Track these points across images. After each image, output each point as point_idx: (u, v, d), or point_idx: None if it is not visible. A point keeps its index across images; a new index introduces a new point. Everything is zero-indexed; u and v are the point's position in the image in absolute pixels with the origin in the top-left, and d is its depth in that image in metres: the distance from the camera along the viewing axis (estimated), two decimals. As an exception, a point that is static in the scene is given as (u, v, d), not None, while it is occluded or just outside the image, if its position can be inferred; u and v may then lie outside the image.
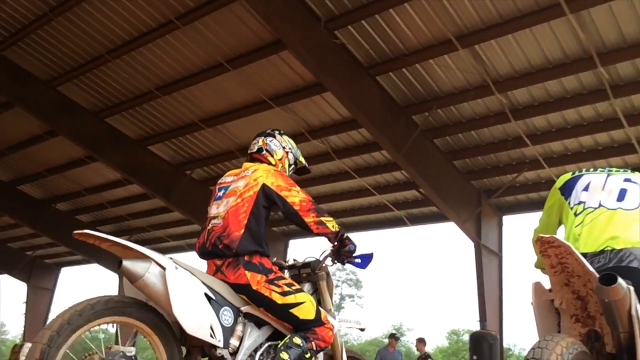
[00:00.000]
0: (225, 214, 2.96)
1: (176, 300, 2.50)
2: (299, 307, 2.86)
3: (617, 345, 2.37)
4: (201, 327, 2.58)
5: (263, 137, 3.39)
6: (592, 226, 2.58)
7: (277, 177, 3.09)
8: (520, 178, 11.35)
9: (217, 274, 2.88)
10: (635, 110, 9.03)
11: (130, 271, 2.50)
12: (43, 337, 2.23)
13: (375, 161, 11.94)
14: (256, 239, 2.93)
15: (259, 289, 2.82)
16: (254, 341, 2.81)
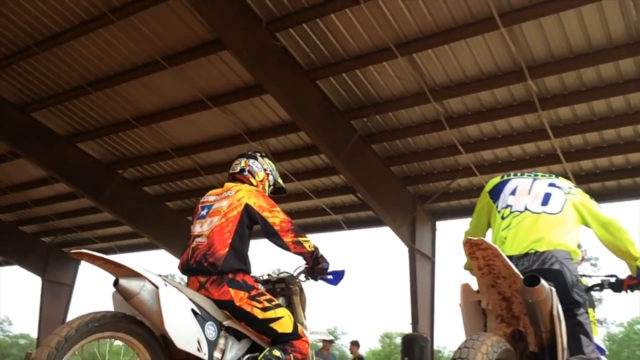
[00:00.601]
0: (209, 233, 3.11)
1: (168, 317, 2.65)
2: (278, 322, 3.05)
3: (539, 345, 2.44)
4: (190, 341, 2.74)
5: (245, 159, 3.54)
6: (518, 229, 2.65)
7: (259, 198, 3.25)
8: (454, 185, 11.69)
9: (201, 290, 3.02)
10: (560, 122, 9.49)
11: (126, 289, 2.63)
12: (42, 354, 2.34)
13: (313, 165, 11.97)
14: (240, 257, 3.09)
15: (241, 305, 2.99)
16: (235, 354, 2.98)
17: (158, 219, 14.19)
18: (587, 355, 2.43)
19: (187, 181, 13.62)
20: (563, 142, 9.95)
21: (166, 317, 2.65)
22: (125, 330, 2.63)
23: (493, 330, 2.56)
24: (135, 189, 13.79)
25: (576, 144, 10.03)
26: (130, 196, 13.61)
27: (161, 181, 13.69)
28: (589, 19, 7.57)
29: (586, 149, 10.07)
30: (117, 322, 2.61)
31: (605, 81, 8.52)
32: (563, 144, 9.98)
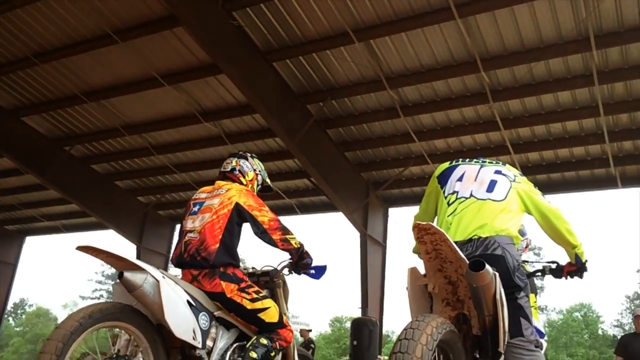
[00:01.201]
0: (201, 229, 3.31)
1: (167, 308, 2.85)
2: (265, 312, 3.28)
3: (482, 328, 2.51)
4: (186, 330, 2.95)
5: (236, 159, 3.73)
6: (462, 215, 2.71)
7: (249, 197, 3.45)
8: (406, 172, 11.87)
9: (194, 283, 3.23)
10: (510, 115, 9.75)
11: (130, 282, 2.82)
12: (51, 348, 2.51)
13: (268, 148, 11.89)
14: (230, 252, 3.31)
15: (232, 296, 3.21)
16: (225, 342, 3.21)
17: (107, 198, 13.82)
18: (527, 338, 2.52)
19: (138, 160, 13.29)
20: (512, 133, 10.23)
21: (166, 308, 2.84)
22: (126, 319, 2.82)
23: (439, 313, 2.61)
24: (83, 167, 13.36)
25: (524, 136, 10.34)
26: (78, 174, 13.19)
27: (110, 159, 13.31)
28: (541, 15, 7.76)
29: (534, 141, 10.40)
30: (118, 312, 2.80)
31: (554, 76, 8.79)
32: (512, 136, 10.27)
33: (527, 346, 2.51)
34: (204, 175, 13.38)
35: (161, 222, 15.22)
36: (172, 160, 12.83)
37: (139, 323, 2.86)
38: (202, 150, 12.33)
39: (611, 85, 8.82)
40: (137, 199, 14.72)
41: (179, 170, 12.99)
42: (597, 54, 8.04)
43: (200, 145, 12.09)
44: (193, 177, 13.43)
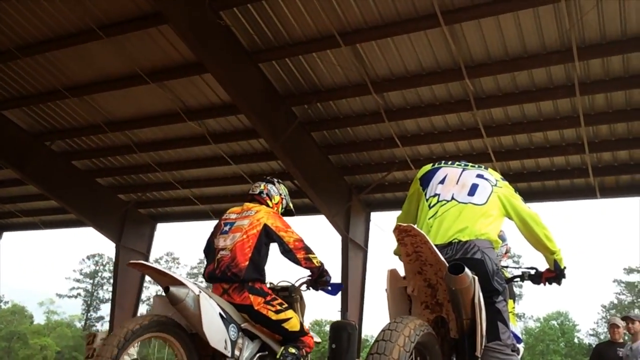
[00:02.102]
0: (232, 247, 3.66)
1: (205, 320, 3.21)
2: (288, 322, 3.64)
3: (460, 331, 2.53)
4: (220, 340, 3.30)
5: (265, 183, 4.18)
6: (443, 218, 2.72)
7: (276, 219, 3.84)
8: (389, 177, 11.91)
9: (224, 296, 3.58)
10: (493, 122, 9.84)
11: (175, 296, 3.18)
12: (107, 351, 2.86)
13: (252, 149, 11.85)
14: (258, 269, 3.66)
15: (259, 309, 3.56)
16: (250, 352, 3.55)
17: (87, 195, 13.65)
18: (504, 342, 2.54)
19: (120, 158, 13.16)
20: (494, 141, 10.33)
21: (204, 320, 3.21)
22: (167, 330, 3.19)
23: (417, 315, 2.62)
24: (64, 163, 13.18)
25: (506, 144, 10.44)
26: (58, 170, 13.00)
27: (92, 156, 13.15)
28: (526, 25, 7.86)
29: (515, 149, 10.50)
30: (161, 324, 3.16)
31: (537, 85, 8.90)
32: (494, 144, 10.37)
33: (503, 350, 2.53)
34: (186, 175, 13.30)
35: (142, 220, 15.07)
36: (155, 158, 12.72)
37: (177, 333, 3.23)
38: (186, 149, 12.24)
39: (592, 97, 8.95)
40: (117, 196, 14.56)
41: (161, 168, 12.88)
42: (580, 65, 8.15)
43: (183, 144, 12.00)
44: (175, 176, 13.33)
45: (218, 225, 3.92)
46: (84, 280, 55.78)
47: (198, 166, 12.72)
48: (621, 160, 10.35)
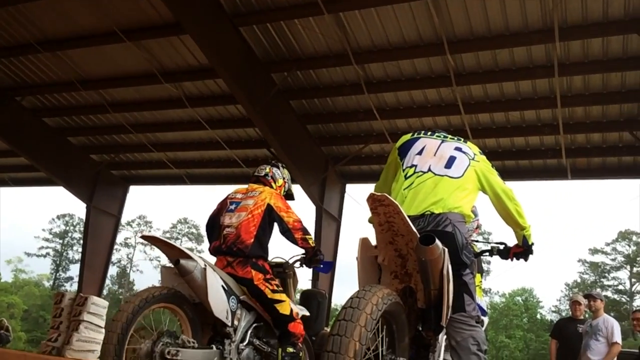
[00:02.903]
0: (238, 225, 3.90)
1: (210, 291, 3.48)
2: (281, 304, 3.86)
3: (427, 302, 2.56)
4: (222, 310, 3.57)
5: (270, 166, 4.40)
6: (418, 190, 2.72)
7: (278, 200, 4.08)
8: (366, 149, 11.91)
9: (227, 268, 3.83)
10: (472, 100, 9.88)
11: (185, 268, 3.46)
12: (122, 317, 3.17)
13: (229, 114, 11.71)
14: (262, 246, 3.94)
15: (258, 284, 3.81)
16: (246, 322, 3.83)
17: (58, 154, 13.36)
18: (468, 313, 2.58)
19: (93, 117, 12.87)
20: (472, 118, 10.38)
21: (209, 291, 3.46)
22: (174, 301, 3.46)
23: (386, 285, 2.63)
24: (34, 119, 12.85)
25: (484, 122, 10.50)
26: (28, 126, 12.68)
27: (64, 114, 12.84)
28: (509, 2, 7.82)
29: (492, 127, 10.58)
30: (169, 295, 3.43)
31: (517, 64, 8.92)
32: (472, 121, 10.42)
33: (468, 321, 2.57)
34: (161, 138, 13.10)
35: (114, 182, 14.86)
36: (129, 119, 12.48)
37: (182, 304, 3.50)
38: (161, 111, 12.03)
39: (570, 78, 9.03)
40: (90, 156, 14.30)
41: (135, 130, 12.66)
42: (560, 45, 8.18)
43: (159, 106, 11.79)
44: (150, 139, 13.12)
45: (223, 203, 4.15)
46: (53, 240, 55.15)
47: (173, 129, 12.54)
48: (594, 143, 10.52)
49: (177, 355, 3.33)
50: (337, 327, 2.09)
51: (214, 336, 3.71)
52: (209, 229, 4.23)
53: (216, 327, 3.68)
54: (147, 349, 3.28)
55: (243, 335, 3.79)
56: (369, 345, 2.25)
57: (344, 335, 2.05)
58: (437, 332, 2.61)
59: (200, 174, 14.45)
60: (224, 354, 3.62)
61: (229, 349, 3.64)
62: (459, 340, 2.53)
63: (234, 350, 3.67)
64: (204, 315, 3.58)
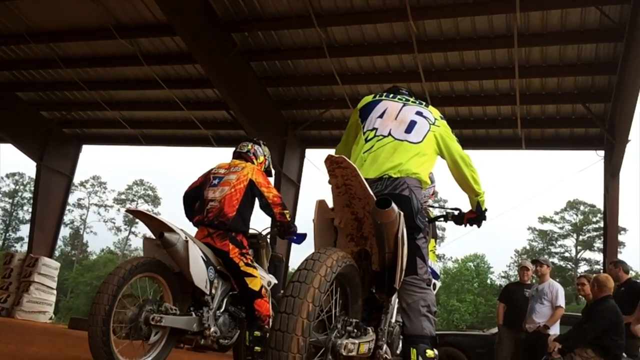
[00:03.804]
0: (221, 199, 4.06)
1: (192, 262, 3.67)
2: (251, 279, 4.02)
3: (381, 265, 2.57)
4: (202, 280, 3.78)
5: (252, 143, 4.55)
6: (378, 154, 2.70)
7: (260, 175, 4.26)
8: (327, 114, 11.87)
9: (207, 238, 4.00)
10: (433, 67, 9.91)
11: (168, 241, 3.63)
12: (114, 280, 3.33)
13: (187, 74, 11.41)
14: (244, 220, 4.11)
15: (233, 256, 3.98)
16: (222, 290, 4.01)
17: (6, 110, 12.78)
18: (420, 276, 2.61)
19: (44, 72, 12.32)
20: (432, 86, 10.44)
21: (191, 262, 3.65)
22: (156, 270, 3.61)
23: (342, 248, 2.63)
24: (-20, 74, 12.22)
25: (443, 90, 10.59)
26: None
27: (12, 67, 12.24)
28: (474, -31, 7.81)
29: (451, 96, 10.69)
30: (152, 264, 3.59)
31: (478, 33, 8.97)
32: (432, 89, 10.49)
33: (419, 284, 2.60)
34: (115, 96, 12.69)
35: (66, 140, 14.37)
36: (82, 75, 12.00)
37: (164, 273, 3.66)
38: (115, 68, 11.61)
39: (529, 49, 9.15)
40: (40, 113, 13.75)
41: (88, 87, 12.20)
42: (520, 16, 8.25)
43: (113, 63, 11.37)
44: (104, 97, 12.69)
45: (206, 178, 4.29)
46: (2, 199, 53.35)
47: (128, 88, 12.15)
48: (548, 114, 10.78)
49: (161, 321, 3.54)
50: (291, 289, 2.08)
51: (193, 303, 3.88)
52: (188, 200, 4.40)
53: (195, 295, 3.87)
54: (133, 314, 3.47)
55: (220, 303, 3.98)
56: (323, 307, 2.26)
57: (298, 296, 2.04)
58: (390, 294, 2.64)
59: (157, 134, 14.13)
60: (203, 320, 3.81)
61: (207, 316, 3.84)
62: (410, 302, 2.56)
63: (212, 317, 3.87)
64: (184, 284, 3.76)
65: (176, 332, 3.72)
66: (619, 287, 6.41)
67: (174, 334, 3.72)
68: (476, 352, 8.35)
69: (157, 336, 3.61)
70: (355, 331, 2.45)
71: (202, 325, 3.80)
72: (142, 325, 3.49)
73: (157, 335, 3.62)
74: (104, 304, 3.25)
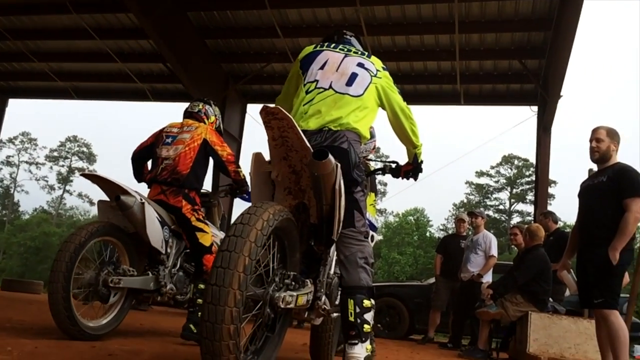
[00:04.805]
0: (176, 157, 4.11)
1: (148, 223, 3.76)
2: (202, 234, 4.13)
3: (319, 217, 2.56)
4: (158, 240, 3.88)
5: (203, 103, 4.57)
6: (318, 106, 2.65)
7: (213, 135, 4.33)
8: (268, 68, 11.63)
9: (160, 195, 4.07)
10: (375, 21, 9.83)
11: (125, 203, 3.67)
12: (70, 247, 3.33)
13: (120, 23, 10.82)
14: (198, 178, 4.19)
15: (185, 212, 4.08)
16: (177, 249, 4.13)
17: None
18: (357, 229, 2.62)
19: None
20: (374, 40, 10.37)
21: (147, 224, 3.74)
22: (112, 234, 3.67)
23: (280, 201, 2.60)
24: None
25: (385, 44, 10.55)
26: None
27: None
28: None
29: (393, 50, 10.67)
30: (108, 228, 3.64)
31: (420, -14, 8.92)
32: (374, 43, 10.42)
33: (357, 236, 2.62)
34: (42, 46, 11.97)
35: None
36: (4, 23, 11.20)
37: (119, 236, 3.71)
38: (42, 17, 10.90)
39: (468, 4, 9.19)
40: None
41: (12, 36, 11.41)
42: (462, -30, 8.24)
43: (39, 10, 10.62)
44: (29, 47, 11.96)
45: (159, 136, 4.30)
46: None
47: (56, 37, 11.43)
48: (486, 70, 10.98)
49: (120, 283, 3.64)
50: (226, 243, 2.04)
51: (148, 263, 3.98)
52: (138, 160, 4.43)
53: (150, 255, 3.97)
54: (91, 278, 3.55)
55: (175, 261, 4.10)
56: (260, 261, 2.24)
57: (234, 250, 2.01)
58: (328, 246, 2.65)
59: (89, 88, 13.48)
60: (159, 278, 3.93)
61: (163, 274, 3.96)
62: (348, 254, 2.58)
63: (168, 275, 4.00)
64: (139, 245, 3.86)
65: (134, 292, 3.84)
66: (548, 237, 6.76)
67: (131, 294, 3.83)
68: (414, 302, 8.69)
69: (115, 297, 3.70)
70: (293, 284, 2.46)
71: (158, 284, 3.92)
72: (102, 288, 3.58)
73: (116, 297, 3.71)
74: (63, 270, 3.27)
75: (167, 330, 5.03)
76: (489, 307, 6.05)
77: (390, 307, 8.70)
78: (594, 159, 4.21)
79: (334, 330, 3.43)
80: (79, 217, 53.09)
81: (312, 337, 3.45)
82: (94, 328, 3.55)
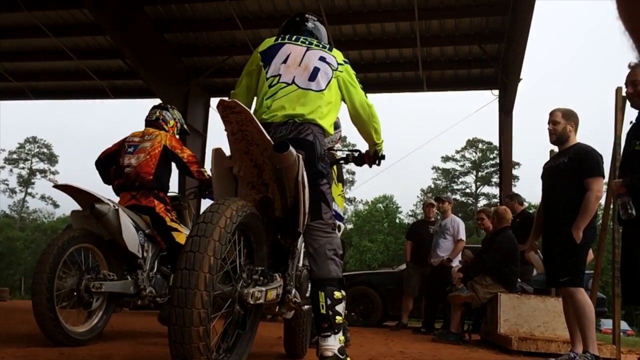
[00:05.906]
0: (138, 165, 4.24)
1: (124, 230, 3.84)
2: (177, 233, 4.20)
3: (284, 210, 2.53)
4: (135, 245, 3.97)
5: (160, 110, 4.67)
6: (282, 102, 2.60)
7: (172, 140, 4.45)
8: (230, 61, 11.48)
9: (132, 200, 4.18)
10: (335, 10, 9.79)
11: (100, 211, 3.74)
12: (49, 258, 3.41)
13: (74, 20, 10.51)
14: (162, 181, 4.31)
15: (159, 212, 4.18)
16: (152, 253, 4.21)
17: None
18: (325, 221, 2.60)
19: None
20: (335, 30, 10.33)
21: (124, 230, 3.83)
22: (90, 240, 3.77)
23: (243, 196, 2.55)
24: None
25: (347, 33, 10.52)
26: None
27: None
28: None
29: (355, 39, 10.65)
30: (86, 235, 3.75)
31: (379, -26, 8.90)
32: (335, 32, 10.37)
33: (324, 228, 2.60)
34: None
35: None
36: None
37: (97, 243, 3.83)
38: None
39: (428, -10, 9.23)
40: None
41: (-40, 37, 10.96)
42: (419, -44, 8.25)
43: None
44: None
45: (121, 146, 4.42)
46: None
47: (8, 36, 11.03)
48: (447, 56, 11.07)
49: (101, 288, 3.74)
50: (190, 244, 1.99)
51: (126, 268, 4.08)
52: (103, 166, 4.54)
53: (127, 260, 4.06)
54: (73, 284, 3.64)
55: (152, 264, 4.19)
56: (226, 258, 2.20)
57: (197, 251, 1.97)
58: (295, 238, 2.63)
59: (47, 87, 13.09)
60: (138, 282, 4.02)
61: (142, 278, 4.05)
62: (317, 247, 2.56)
63: (146, 278, 4.09)
64: (116, 251, 3.95)
65: (114, 297, 3.95)
66: (515, 218, 6.87)
67: (112, 298, 3.95)
68: (386, 289, 8.75)
69: (98, 302, 3.81)
70: (262, 279, 2.43)
71: (138, 287, 4.02)
72: (84, 294, 3.68)
73: (98, 302, 3.82)
74: (44, 282, 3.36)
75: (138, 331, 4.95)
76: (460, 291, 6.13)
77: (363, 295, 8.75)
78: (552, 141, 4.29)
79: (306, 323, 3.43)
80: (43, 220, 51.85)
81: (285, 330, 3.44)
82: (80, 333, 3.66)
